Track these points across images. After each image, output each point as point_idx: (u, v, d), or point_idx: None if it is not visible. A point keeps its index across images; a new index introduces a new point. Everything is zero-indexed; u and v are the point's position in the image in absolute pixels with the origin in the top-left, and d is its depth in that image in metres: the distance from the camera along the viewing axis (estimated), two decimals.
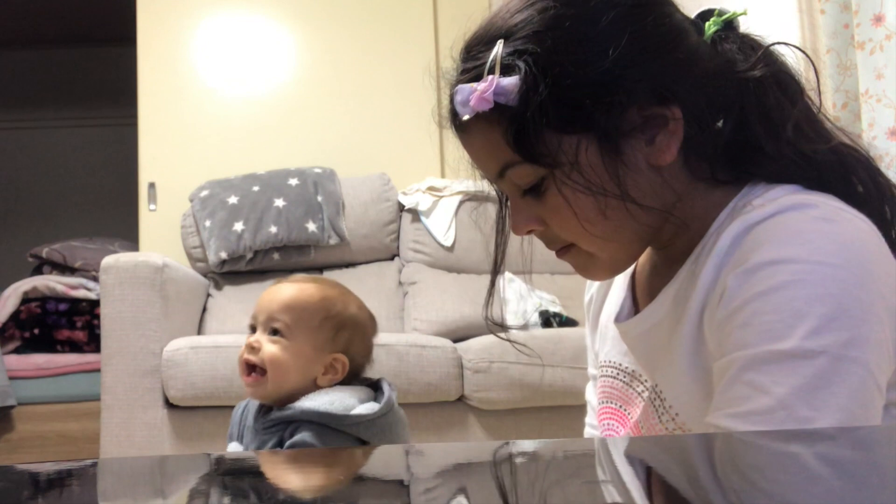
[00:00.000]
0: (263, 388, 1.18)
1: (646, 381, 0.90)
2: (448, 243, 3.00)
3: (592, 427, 1.06)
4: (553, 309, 2.60)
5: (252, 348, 1.18)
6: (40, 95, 5.24)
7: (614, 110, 0.76)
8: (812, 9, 2.94)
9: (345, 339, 1.22)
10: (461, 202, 3.05)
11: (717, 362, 0.74)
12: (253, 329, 1.22)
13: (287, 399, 1.18)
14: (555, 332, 2.48)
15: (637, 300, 0.93)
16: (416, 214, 3.06)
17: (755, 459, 0.50)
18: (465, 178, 0.89)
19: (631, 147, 0.78)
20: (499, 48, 0.78)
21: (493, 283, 0.93)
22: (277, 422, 1.16)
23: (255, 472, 0.55)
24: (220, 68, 3.34)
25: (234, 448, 1.19)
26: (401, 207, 3.10)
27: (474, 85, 0.78)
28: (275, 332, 1.19)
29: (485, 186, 0.90)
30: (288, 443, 1.13)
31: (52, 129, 5.24)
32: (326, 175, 3.06)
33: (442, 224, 3.02)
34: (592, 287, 1.03)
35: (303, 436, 1.12)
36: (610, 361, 0.96)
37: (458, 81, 0.82)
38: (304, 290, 1.22)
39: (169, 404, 2.30)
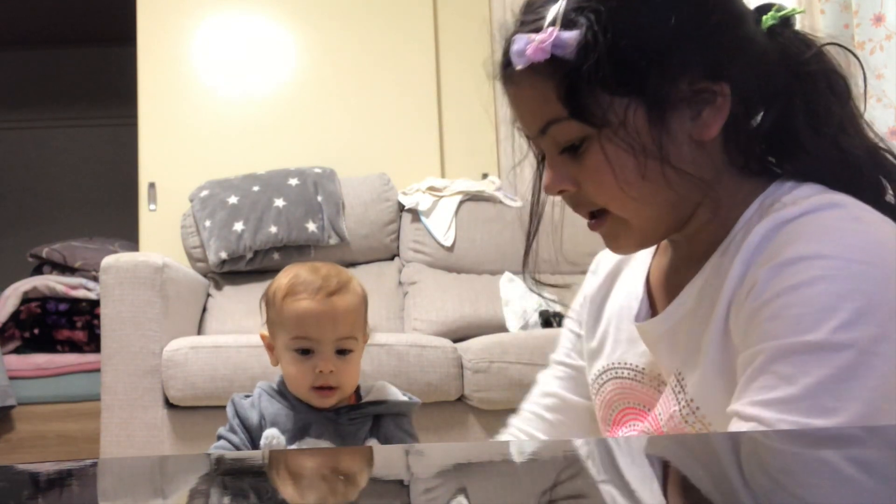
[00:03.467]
0: (336, 398, 1.21)
1: (660, 379, 0.90)
2: (448, 243, 3.00)
3: (529, 411, 1.07)
4: (553, 309, 2.60)
5: (331, 373, 1.18)
6: (40, 95, 5.24)
7: (667, 78, 0.78)
8: (812, 9, 2.93)
9: (367, 315, 1.27)
10: (461, 202, 3.05)
11: (742, 353, 0.75)
12: (306, 350, 1.20)
13: None
14: (555, 332, 2.48)
15: (654, 300, 0.93)
16: (416, 214, 3.06)
17: (778, 460, 0.50)
18: (465, 178, 0.89)
19: (676, 118, 0.79)
20: (563, 1, 0.79)
21: (528, 246, 0.92)
22: (366, 414, 1.21)
23: (254, 472, 0.55)
24: (220, 68, 3.34)
25: (273, 433, 1.18)
26: (401, 207, 3.10)
27: (532, 35, 0.79)
28: (342, 351, 1.20)
29: (485, 187, 0.91)
30: (398, 437, 1.21)
31: (51, 130, 5.23)
32: (326, 175, 3.06)
33: (442, 224, 3.02)
34: (589, 287, 1.03)
35: (407, 428, 1.23)
36: (626, 363, 0.95)
37: (516, 32, 0.82)
38: (351, 298, 1.21)
39: (169, 404, 2.30)
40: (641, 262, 0.97)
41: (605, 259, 1.03)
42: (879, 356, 0.68)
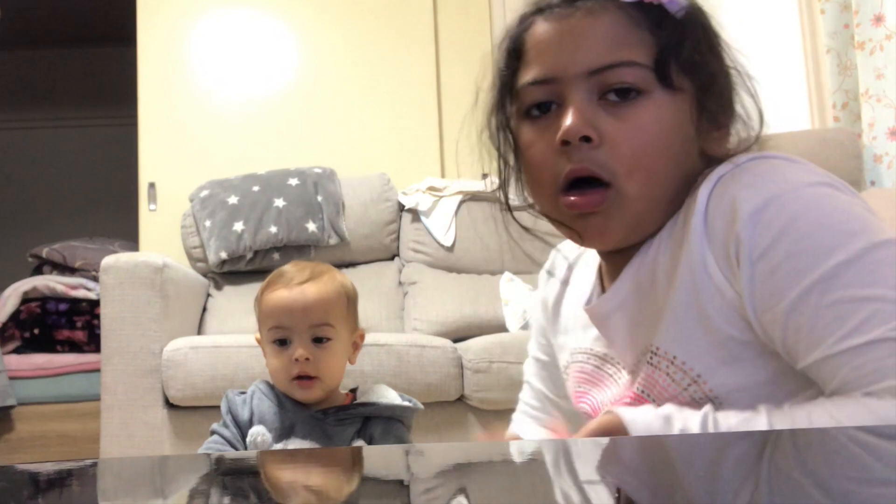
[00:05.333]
0: (318, 391, 1.22)
1: (618, 363, 0.90)
2: (448, 243, 3.00)
3: (525, 402, 1.14)
4: None
5: (307, 360, 1.19)
6: (40, 95, 5.24)
7: (727, 79, 0.84)
8: (812, 9, 2.93)
9: (356, 311, 1.28)
10: (461, 202, 3.05)
11: (774, 307, 0.73)
12: (283, 341, 1.21)
13: None
14: None
15: (605, 286, 0.93)
16: (416, 214, 3.06)
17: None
18: (464, 178, 0.89)
19: (704, 121, 0.83)
20: None
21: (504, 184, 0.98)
22: (354, 415, 1.21)
23: (254, 472, 0.55)
24: (220, 68, 3.34)
25: (258, 431, 1.19)
26: (401, 207, 3.10)
27: None
28: (319, 339, 1.21)
29: (484, 186, 0.92)
30: (384, 441, 1.21)
31: (51, 129, 5.24)
32: (326, 175, 3.06)
33: (442, 224, 3.02)
34: (548, 291, 1.05)
35: (397, 433, 1.22)
36: (581, 348, 0.96)
37: None
38: (324, 286, 1.23)
39: (169, 404, 2.29)
40: (593, 254, 0.97)
41: (560, 259, 1.04)
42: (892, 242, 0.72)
